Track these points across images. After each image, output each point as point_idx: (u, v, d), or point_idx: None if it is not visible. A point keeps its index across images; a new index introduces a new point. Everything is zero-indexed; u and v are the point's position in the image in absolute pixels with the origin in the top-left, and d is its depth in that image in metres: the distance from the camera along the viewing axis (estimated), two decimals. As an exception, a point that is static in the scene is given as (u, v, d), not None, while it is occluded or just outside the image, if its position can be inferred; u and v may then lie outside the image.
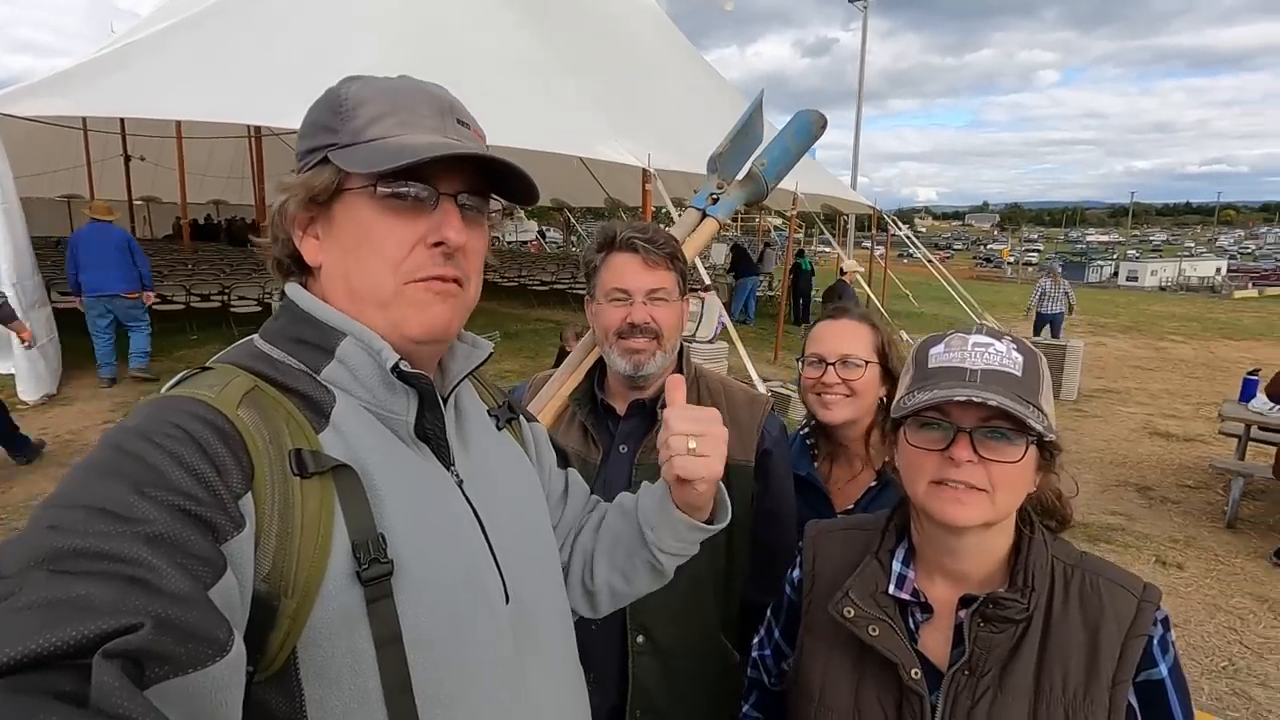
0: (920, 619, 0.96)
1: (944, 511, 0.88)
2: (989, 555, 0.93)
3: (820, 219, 16.72)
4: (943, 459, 0.87)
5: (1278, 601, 3.98)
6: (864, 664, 0.96)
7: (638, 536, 0.90)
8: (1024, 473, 0.88)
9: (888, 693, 0.93)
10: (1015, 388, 0.87)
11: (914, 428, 0.91)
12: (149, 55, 7.75)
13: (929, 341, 0.96)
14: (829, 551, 1.08)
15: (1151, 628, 0.87)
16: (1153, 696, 0.86)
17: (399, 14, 8.96)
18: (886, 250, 17.17)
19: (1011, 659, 0.88)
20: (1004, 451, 0.86)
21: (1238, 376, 6.68)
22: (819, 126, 1.77)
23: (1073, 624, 0.88)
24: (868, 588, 0.97)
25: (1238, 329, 15.82)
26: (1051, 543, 0.95)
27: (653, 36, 13.96)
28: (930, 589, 0.96)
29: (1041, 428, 0.84)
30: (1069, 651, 0.87)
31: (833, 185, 15.05)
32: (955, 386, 0.86)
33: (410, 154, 0.66)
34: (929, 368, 0.92)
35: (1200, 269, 56.05)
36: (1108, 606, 0.88)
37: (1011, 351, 0.90)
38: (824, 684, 0.99)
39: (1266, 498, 5.39)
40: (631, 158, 8.61)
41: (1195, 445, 6.87)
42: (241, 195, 21.54)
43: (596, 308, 1.37)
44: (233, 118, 7.98)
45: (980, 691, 0.87)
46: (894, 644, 0.92)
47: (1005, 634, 0.88)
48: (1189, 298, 31.57)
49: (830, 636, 1.00)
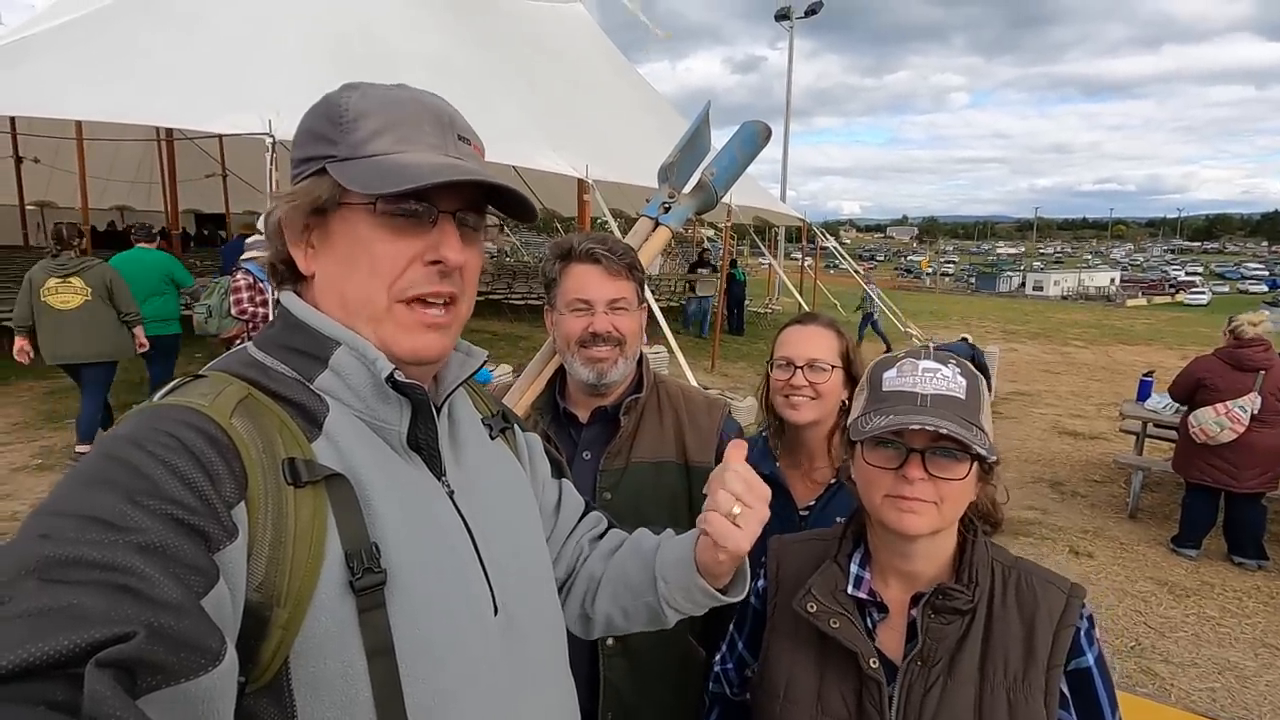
0: (877, 618, 1.03)
1: (899, 522, 0.96)
2: (937, 557, 1.02)
3: (752, 230, 17.16)
4: (896, 476, 0.96)
5: (1176, 584, 4.33)
6: (826, 657, 1.03)
7: (649, 583, 0.91)
8: (968, 486, 0.97)
9: (848, 683, 1.00)
10: (960, 410, 0.95)
11: (870, 446, 0.98)
12: (47, 50, 7.22)
13: (882, 364, 1.04)
14: (791, 560, 1.15)
15: (1079, 620, 0.96)
16: (1081, 684, 0.96)
17: (323, 14, 8.66)
18: (816, 261, 17.76)
19: (958, 649, 0.97)
20: (950, 469, 0.94)
21: (1134, 379, 7.26)
22: (764, 137, 1.83)
23: (1011, 616, 0.97)
24: (828, 586, 1.04)
25: (1131, 335, 17.14)
26: (990, 545, 1.04)
27: (587, 49, 14.02)
28: (885, 590, 1.04)
29: (984, 449, 0.92)
30: (1009, 640, 0.96)
31: (764, 198, 15.47)
32: (909, 412, 0.94)
33: (413, 178, 0.65)
34: (883, 390, 1.00)
35: (1097, 279, 60.55)
36: (1041, 601, 0.98)
37: (956, 376, 0.99)
38: (789, 679, 1.05)
39: (1162, 489, 5.86)
40: (569, 168, 8.61)
41: (1099, 443, 7.40)
42: (149, 201, 20.18)
43: (557, 317, 1.37)
44: (140, 118, 7.50)
45: (932, 680, 0.96)
46: (853, 635, 0.99)
47: (953, 625, 0.97)
48: (1088, 306, 34.03)
49: (794, 634, 1.07)
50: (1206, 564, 4.60)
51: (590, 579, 0.98)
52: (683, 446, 1.42)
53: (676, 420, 1.44)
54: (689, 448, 1.42)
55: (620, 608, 0.95)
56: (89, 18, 7.85)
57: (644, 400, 1.42)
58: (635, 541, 0.99)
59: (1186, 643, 3.72)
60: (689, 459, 1.41)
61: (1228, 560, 4.62)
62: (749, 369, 10.67)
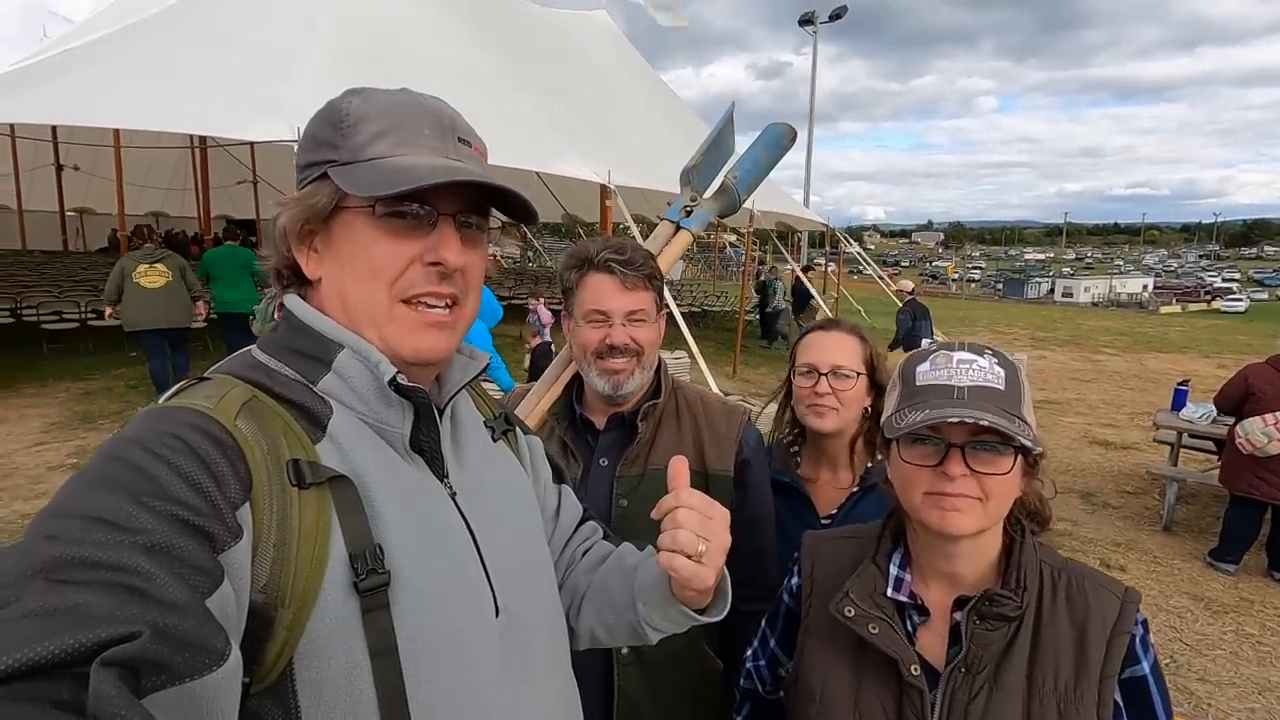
0: (917, 621, 0.99)
1: (942, 521, 0.91)
2: (982, 558, 0.97)
3: (774, 236, 17.08)
4: (936, 473, 0.91)
5: (1213, 600, 4.19)
6: (864, 663, 0.99)
7: (629, 602, 0.89)
8: (1012, 481, 0.92)
9: (888, 690, 0.96)
10: (999, 401, 0.91)
11: (907, 443, 0.94)
12: (87, 61, 7.47)
13: (915, 359, 1.00)
14: (826, 558, 1.10)
15: (1134, 626, 0.91)
16: (1136, 693, 0.91)
17: (350, 24, 8.83)
18: (839, 266, 17.62)
19: (1005, 656, 0.91)
20: (994, 463, 0.90)
21: (1168, 387, 7.07)
22: (789, 139, 1.80)
23: (1061, 622, 0.92)
24: (867, 589, 1.00)
25: (1165, 342, 16.72)
26: (1038, 546, 0.99)
27: (609, 55, 14.11)
28: (926, 593, 0.99)
29: (1027, 440, 0.88)
30: (1059, 648, 0.91)
31: (787, 203, 15.41)
32: (945, 405, 0.90)
33: (407, 180, 0.66)
34: (917, 385, 0.95)
35: (1129, 286, 59.21)
36: (1093, 605, 0.92)
37: (994, 366, 0.94)
38: (824, 684, 1.02)
39: (1198, 502, 5.69)
40: (591, 174, 8.66)
41: (1132, 453, 7.21)
42: (183, 207, 20.69)
43: (574, 327, 1.36)
44: (175, 127, 7.72)
45: (976, 688, 0.91)
46: (893, 641, 0.95)
47: (1000, 632, 0.92)
48: (1120, 313, 33.30)
49: (830, 637, 1.03)
50: (1245, 579, 4.45)
51: (575, 593, 0.97)
52: (701, 454, 1.40)
53: (695, 427, 1.42)
54: (707, 455, 1.40)
55: (604, 624, 0.93)
56: (126, 30, 8.10)
57: (662, 406, 1.41)
58: (619, 557, 0.96)
59: (1225, 661, 3.60)
60: (707, 466, 1.39)
61: (1268, 576, 4.46)
62: (770, 374, 10.60)
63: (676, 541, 0.75)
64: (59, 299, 9.92)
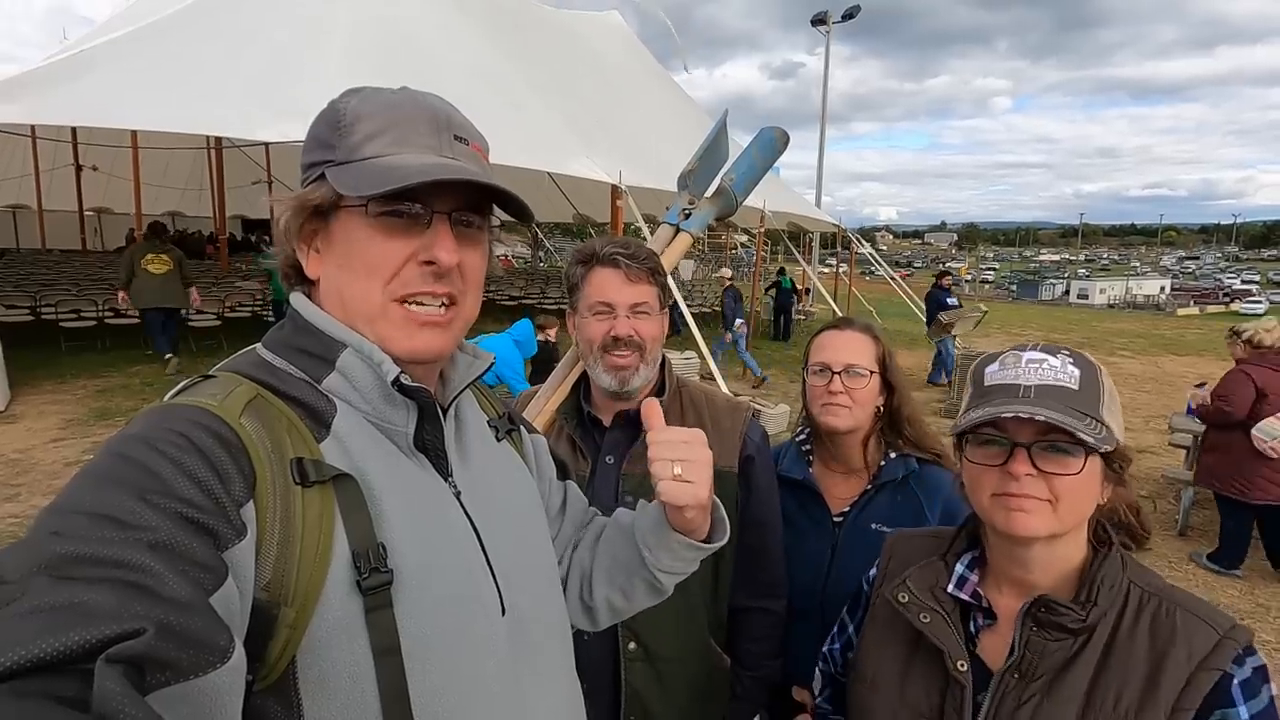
0: (982, 624, 0.98)
1: (1009, 522, 0.89)
2: (1058, 567, 0.93)
3: (785, 236, 17.04)
4: (1002, 473, 0.89)
5: (1229, 607, 4.12)
6: (916, 653, 1.00)
7: (636, 556, 0.90)
8: (1086, 484, 0.89)
9: (933, 682, 0.96)
10: (1070, 401, 0.88)
11: (974, 444, 0.93)
12: (105, 63, 7.56)
13: (985, 360, 0.99)
14: (903, 553, 1.11)
15: (1232, 666, 0.83)
16: None
17: (365, 26, 8.90)
18: (851, 267, 17.53)
19: (1065, 669, 0.88)
20: (1062, 464, 0.87)
21: (1184, 390, 6.97)
22: (782, 142, 1.82)
23: (1138, 648, 0.87)
24: (927, 581, 1.01)
25: (1182, 345, 16.48)
26: (1132, 565, 0.94)
27: (622, 56, 14.13)
28: (997, 598, 0.97)
29: (1094, 439, 0.85)
30: (1128, 673, 0.86)
31: (799, 204, 15.37)
32: (1008, 403, 0.88)
33: (398, 178, 0.66)
34: (985, 385, 0.95)
35: (1146, 287, 58.46)
36: (1180, 636, 0.86)
37: (1067, 365, 0.91)
38: (878, 668, 1.04)
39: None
40: (603, 174, 8.67)
41: (1147, 456, 7.12)
42: (199, 207, 20.96)
43: (580, 321, 1.37)
44: (192, 128, 7.81)
45: (1027, 696, 0.88)
46: (943, 633, 0.95)
47: (1062, 644, 0.88)
48: (1136, 315, 32.87)
49: (890, 624, 1.05)
50: (1260, 585, 4.39)
51: (582, 570, 0.97)
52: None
53: (699, 423, 1.42)
54: (712, 451, 1.40)
55: (618, 589, 0.94)
56: (144, 32, 8.20)
57: (666, 403, 1.41)
58: (614, 521, 0.98)
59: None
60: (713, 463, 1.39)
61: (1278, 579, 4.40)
62: (781, 374, 10.56)
63: (655, 470, 0.80)
64: (77, 297, 10.08)
